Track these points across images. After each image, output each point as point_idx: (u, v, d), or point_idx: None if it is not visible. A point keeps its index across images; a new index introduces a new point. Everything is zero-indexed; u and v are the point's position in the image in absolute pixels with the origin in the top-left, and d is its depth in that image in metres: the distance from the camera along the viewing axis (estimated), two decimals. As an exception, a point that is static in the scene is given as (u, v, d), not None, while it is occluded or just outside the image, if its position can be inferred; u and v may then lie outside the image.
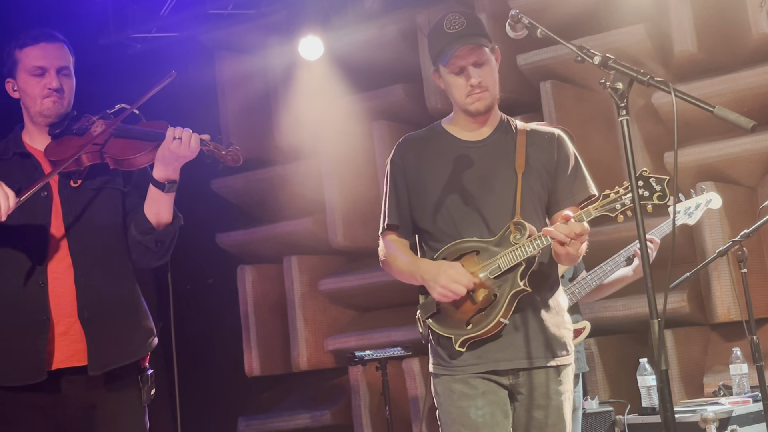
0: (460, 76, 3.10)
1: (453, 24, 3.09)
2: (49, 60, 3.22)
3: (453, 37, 3.08)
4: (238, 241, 7.22)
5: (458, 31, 3.07)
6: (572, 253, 2.94)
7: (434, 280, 2.99)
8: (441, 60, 3.11)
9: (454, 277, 2.96)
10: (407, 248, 3.22)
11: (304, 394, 6.96)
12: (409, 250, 3.22)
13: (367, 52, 6.62)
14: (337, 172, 6.73)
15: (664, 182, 2.87)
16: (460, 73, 3.10)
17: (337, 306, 6.97)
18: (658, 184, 2.87)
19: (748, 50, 5.62)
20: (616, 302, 5.52)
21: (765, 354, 4.34)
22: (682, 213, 4.13)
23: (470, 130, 3.19)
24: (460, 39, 3.07)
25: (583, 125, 5.86)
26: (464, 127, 3.20)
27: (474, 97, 3.10)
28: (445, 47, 3.08)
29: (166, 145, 3.11)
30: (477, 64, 3.09)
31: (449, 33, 3.09)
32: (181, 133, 3.11)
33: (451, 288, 2.96)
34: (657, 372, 2.48)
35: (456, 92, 3.14)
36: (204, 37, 6.98)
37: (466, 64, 3.08)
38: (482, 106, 3.12)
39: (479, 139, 3.19)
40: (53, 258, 3.12)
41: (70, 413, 3.11)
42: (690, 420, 4.50)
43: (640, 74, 2.55)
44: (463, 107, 3.15)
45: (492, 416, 3.02)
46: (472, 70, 3.08)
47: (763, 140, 5.41)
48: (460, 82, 3.10)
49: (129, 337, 3.21)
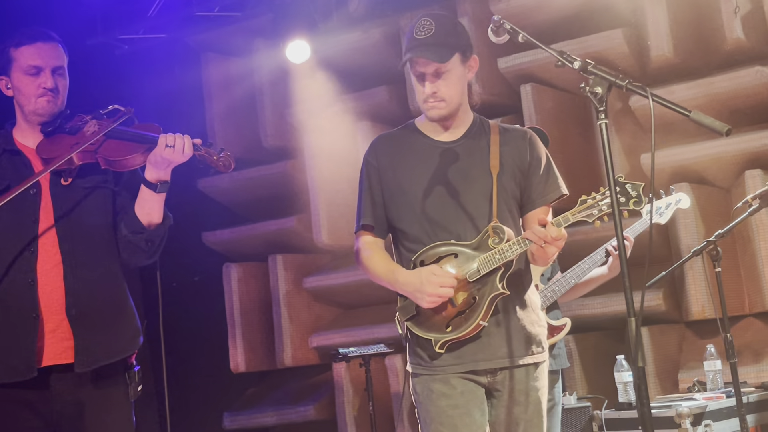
0: (419, 83, 3.11)
1: (421, 30, 3.07)
2: (45, 59, 3.22)
3: (417, 43, 3.06)
4: (224, 240, 7.22)
5: (423, 39, 3.05)
6: (548, 256, 3.02)
7: (419, 291, 3.01)
8: (406, 63, 3.10)
9: (439, 282, 2.98)
10: (383, 251, 3.22)
11: (288, 390, 6.96)
12: (385, 253, 3.21)
13: (351, 55, 6.65)
14: (322, 173, 6.74)
15: (640, 188, 2.92)
16: (420, 80, 3.10)
17: (322, 303, 6.98)
18: (633, 189, 2.92)
19: (722, 55, 5.67)
20: (593, 300, 5.54)
21: (738, 351, 4.38)
22: (654, 213, 4.21)
23: (444, 131, 3.20)
24: (421, 49, 3.05)
25: (562, 127, 5.94)
26: (438, 128, 3.20)
27: (429, 105, 3.12)
28: (407, 52, 3.07)
29: (159, 151, 3.11)
30: (437, 73, 3.08)
31: (416, 38, 3.07)
32: (173, 140, 3.11)
33: (440, 293, 2.99)
34: (634, 368, 2.50)
35: (417, 96, 3.17)
36: (191, 39, 6.96)
37: (426, 72, 3.08)
38: (436, 115, 3.13)
39: (453, 139, 3.19)
40: (43, 255, 3.12)
41: (58, 409, 3.11)
42: (665, 415, 4.53)
43: (619, 79, 2.58)
44: (423, 110, 3.18)
45: (469, 415, 3.06)
46: (428, 79, 3.08)
47: (736, 143, 5.45)
48: (419, 88, 3.13)
49: (116, 335, 3.22)
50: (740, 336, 5.38)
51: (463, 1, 6.24)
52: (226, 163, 3.21)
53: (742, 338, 5.41)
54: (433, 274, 2.99)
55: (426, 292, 2.99)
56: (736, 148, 5.51)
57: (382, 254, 3.20)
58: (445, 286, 2.99)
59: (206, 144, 3.23)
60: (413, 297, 3.05)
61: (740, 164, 5.57)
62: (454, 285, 3.01)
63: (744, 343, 5.39)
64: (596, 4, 5.86)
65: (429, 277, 2.99)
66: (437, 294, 2.99)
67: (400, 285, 3.08)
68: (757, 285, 5.43)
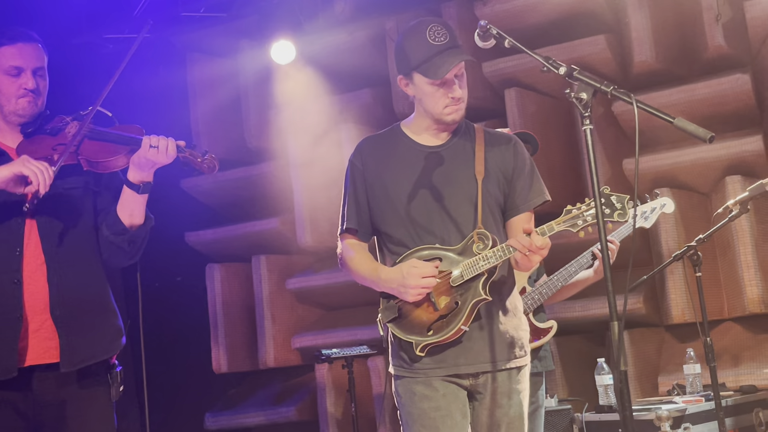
0: (440, 88, 3.08)
1: (438, 36, 3.05)
2: (26, 60, 3.21)
3: (440, 49, 3.04)
4: (207, 240, 7.21)
5: (445, 44, 3.04)
6: (531, 264, 3.03)
7: (402, 285, 3.01)
8: (426, 71, 3.05)
9: (420, 273, 2.98)
10: (366, 252, 3.22)
11: (270, 391, 6.96)
12: (369, 254, 3.22)
13: (336, 57, 6.65)
14: (306, 174, 6.74)
15: (625, 200, 2.92)
16: (444, 86, 3.08)
17: (305, 305, 6.98)
18: (618, 201, 2.93)
19: (703, 61, 5.73)
20: (574, 303, 5.57)
21: (717, 355, 4.43)
22: (639, 217, 4.25)
23: (430, 134, 3.20)
24: (453, 54, 3.04)
25: (545, 132, 5.97)
26: (424, 132, 3.20)
27: (452, 109, 3.10)
28: (435, 60, 3.04)
29: (143, 152, 3.10)
30: (458, 76, 3.09)
31: (436, 45, 3.04)
32: (157, 141, 3.10)
33: (423, 284, 2.99)
34: (614, 371, 2.52)
35: (432, 102, 3.11)
36: (176, 39, 6.94)
37: (452, 77, 3.07)
38: (459, 117, 3.14)
39: (438, 144, 3.19)
40: (27, 256, 3.11)
41: (40, 409, 3.10)
42: (645, 418, 4.55)
43: (604, 85, 2.60)
44: (438, 117, 3.13)
45: (451, 417, 3.08)
46: (456, 83, 3.08)
47: (717, 149, 5.50)
48: (440, 93, 3.09)
49: (100, 335, 3.21)
50: (719, 340, 5.43)
51: (448, 5, 6.27)
52: (210, 165, 3.21)
53: (721, 342, 5.47)
54: (414, 267, 3.00)
55: (409, 285, 3.00)
56: (717, 155, 5.55)
57: (365, 255, 3.21)
58: (427, 276, 2.99)
59: (190, 146, 3.22)
60: (397, 293, 3.06)
61: (721, 170, 5.61)
62: (436, 275, 3.01)
63: (723, 346, 5.45)
64: (580, 10, 5.90)
65: (410, 270, 3.00)
66: (420, 285, 2.99)
67: (383, 282, 3.09)
68: (736, 289, 5.48)
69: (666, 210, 4.34)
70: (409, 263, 3.03)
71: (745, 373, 5.33)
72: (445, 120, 3.14)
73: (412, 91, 3.16)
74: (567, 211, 3.02)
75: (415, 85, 3.14)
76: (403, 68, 3.15)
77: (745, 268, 5.40)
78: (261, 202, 7.07)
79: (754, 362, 5.36)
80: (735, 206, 4.12)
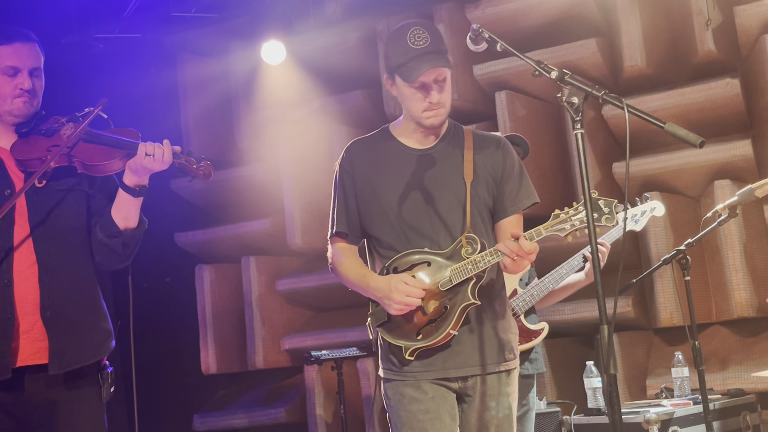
0: (419, 91, 3.09)
1: (417, 39, 3.05)
2: (23, 60, 3.20)
3: (418, 53, 3.03)
4: (196, 241, 7.21)
5: (423, 48, 3.04)
6: (519, 268, 3.03)
7: (388, 297, 3.02)
8: (403, 74, 3.07)
9: (407, 291, 2.99)
10: (356, 257, 3.23)
11: (259, 393, 6.96)
12: (359, 259, 3.23)
13: (327, 58, 6.65)
14: (297, 175, 6.74)
15: (613, 205, 2.94)
16: (423, 89, 3.08)
17: (294, 306, 6.98)
18: (606, 206, 2.95)
19: (693, 66, 5.75)
20: (564, 306, 5.57)
21: (705, 358, 4.42)
22: (629, 220, 4.26)
23: (419, 137, 3.20)
24: (428, 59, 3.03)
25: (536, 135, 5.99)
26: (413, 135, 3.20)
27: (430, 113, 3.10)
28: (410, 63, 3.04)
29: (139, 159, 3.10)
30: (438, 81, 3.08)
31: (414, 48, 3.04)
32: (153, 149, 3.09)
33: (406, 302, 3.01)
34: (603, 375, 2.55)
35: (413, 105, 3.12)
36: (167, 39, 6.93)
37: (428, 81, 3.07)
38: (437, 122, 3.14)
39: (427, 147, 3.20)
40: (18, 256, 3.10)
41: (31, 410, 3.09)
42: (633, 421, 4.57)
43: (595, 89, 2.62)
44: (417, 120, 3.14)
45: (440, 420, 3.09)
46: (435, 89, 3.08)
47: (706, 153, 5.51)
48: (419, 96, 3.09)
49: (89, 338, 3.20)
50: (707, 343, 5.46)
51: (439, 8, 6.27)
52: (206, 172, 3.20)
53: (709, 346, 5.50)
54: (403, 282, 3.01)
55: (393, 300, 3.01)
56: (706, 159, 5.57)
57: (355, 259, 3.22)
58: (412, 296, 3.00)
59: (186, 152, 3.21)
60: (382, 302, 3.08)
61: (710, 174, 5.64)
62: (422, 296, 3.02)
63: (711, 350, 5.48)
64: (571, 14, 5.92)
65: (398, 285, 3.01)
66: (404, 303, 3.01)
67: (371, 290, 3.10)
68: (724, 293, 5.50)
69: (656, 213, 4.36)
70: (399, 277, 3.03)
71: (732, 377, 5.35)
72: (423, 123, 3.14)
73: (395, 93, 3.18)
74: (555, 215, 3.02)
75: (397, 87, 3.16)
76: (387, 69, 3.18)
77: (734, 272, 5.42)
78: (251, 203, 7.06)
79: (741, 366, 5.39)
80: (724, 210, 4.13)
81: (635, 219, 4.27)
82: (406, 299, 3.00)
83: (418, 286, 3.01)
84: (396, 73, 3.11)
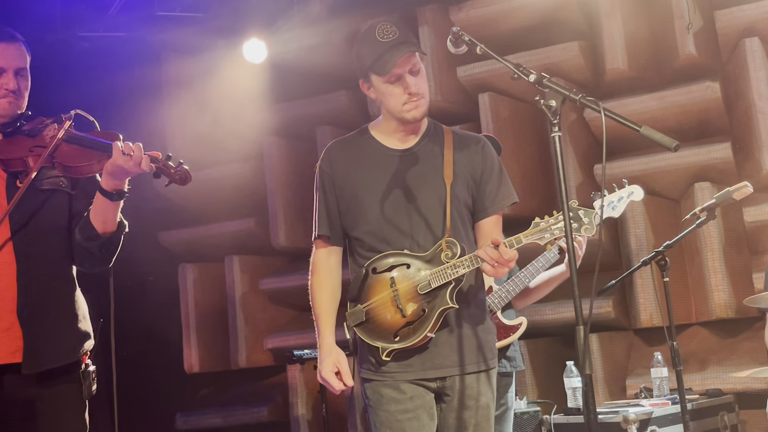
0: (396, 85, 3.06)
1: (386, 33, 3.03)
2: (8, 60, 3.17)
3: (389, 45, 3.02)
4: (180, 240, 7.20)
5: (393, 40, 3.02)
6: (498, 274, 3.02)
7: (321, 363, 3.14)
8: (377, 69, 3.05)
9: (329, 380, 3.10)
10: (328, 287, 3.21)
11: (242, 392, 6.96)
12: (329, 291, 3.21)
13: (311, 58, 6.63)
14: (280, 175, 6.75)
15: (592, 215, 2.96)
16: (396, 82, 3.06)
17: (277, 305, 7.00)
18: (586, 216, 2.97)
19: (674, 69, 5.80)
20: (545, 306, 5.61)
21: (685, 358, 4.50)
22: (607, 207, 4.06)
23: (398, 137, 3.18)
24: (399, 48, 3.01)
25: (518, 136, 6.03)
26: (392, 134, 3.18)
27: (412, 105, 3.08)
28: (383, 56, 3.02)
29: (115, 160, 3.05)
30: (413, 72, 3.07)
31: (384, 42, 3.02)
32: (130, 149, 3.05)
33: (328, 382, 3.12)
34: (582, 375, 2.55)
35: (392, 101, 3.09)
36: (151, 38, 6.86)
37: (403, 72, 3.05)
38: (419, 113, 3.11)
39: (407, 147, 3.18)
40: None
41: (10, 408, 3.07)
42: (612, 420, 4.61)
43: (573, 93, 2.63)
44: (399, 116, 3.11)
45: (419, 419, 3.10)
46: (409, 78, 3.06)
47: (686, 156, 5.58)
48: (397, 91, 3.07)
49: (65, 339, 3.17)
50: (686, 344, 5.50)
51: (423, 10, 6.29)
52: (183, 177, 3.16)
53: (688, 346, 5.54)
54: (334, 371, 3.11)
55: (321, 372, 3.13)
56: (686, 161, 5.63)
57: (327, 290, 3.23)
58: (333, 385, 3.11)
59: (164, 156, 3.17)
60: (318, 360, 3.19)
61: (690, 176, 5.68)
62: (338, 391, 3.12)
63: (690, 351, 5.52)
64: (554, 17, 5.95)
65: (329, 366, 3.11)
66: (326, 381, 3.12)
67: (318, 341, 3.20)
68: (703, 294, 5.55)
69: (635, 198, 4.16)
70: (337, 361, 3.12)
71: (711, 377, 5.40)
72: (405, 117, 3.11)
73: (374, 94, 3.15)
74: (535, 224, 3.04)
75: (374, 87, 3.13)
76: (361, 72, 3.14)
77: (713, 274, 5.46)
78: (235, 203, 7.06)
79: (720, 366, 5.43)
80: (702, 213, 4.14)
81: (612, 205, 4.10)
82: (329, 379, 3.11)
83: (343, 383, 3.11)
84: (370, 71, 3.08)
